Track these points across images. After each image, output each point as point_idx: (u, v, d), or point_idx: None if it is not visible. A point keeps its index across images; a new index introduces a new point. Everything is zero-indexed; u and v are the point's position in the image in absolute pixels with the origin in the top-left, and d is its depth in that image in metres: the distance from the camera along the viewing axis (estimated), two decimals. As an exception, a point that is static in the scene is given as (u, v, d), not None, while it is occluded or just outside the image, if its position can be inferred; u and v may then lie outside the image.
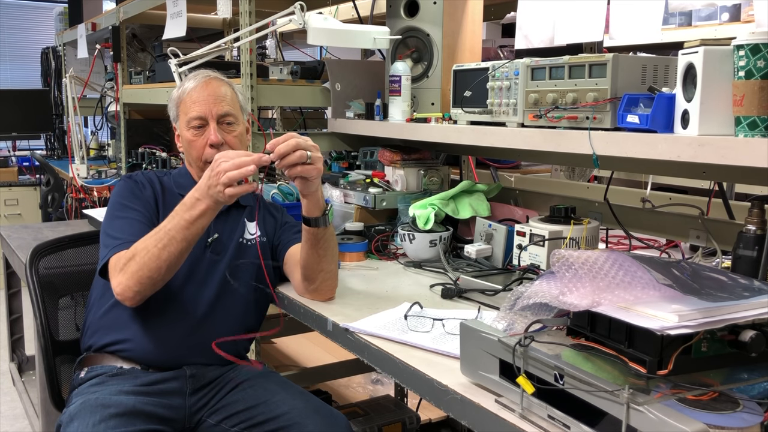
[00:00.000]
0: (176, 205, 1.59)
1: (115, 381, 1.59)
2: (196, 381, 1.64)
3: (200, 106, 1.70)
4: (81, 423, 1.46)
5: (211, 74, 1.79)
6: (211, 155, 1.63)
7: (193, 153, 1.72)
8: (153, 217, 1.66)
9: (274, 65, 2.41)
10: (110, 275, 1.54)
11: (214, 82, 1.74)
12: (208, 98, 1.70)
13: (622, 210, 1.82)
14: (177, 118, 1.78)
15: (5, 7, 6.86)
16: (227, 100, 1.73)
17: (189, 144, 1.72)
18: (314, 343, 3.29)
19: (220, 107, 1.70)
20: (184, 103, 1.74)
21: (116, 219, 1.64)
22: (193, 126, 1.70)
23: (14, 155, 5.77)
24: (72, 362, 1.84)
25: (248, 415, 1.59)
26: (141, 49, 4.02)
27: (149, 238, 1.50)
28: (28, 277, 1.90)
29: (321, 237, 1.57)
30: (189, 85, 1.75)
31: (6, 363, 3.48)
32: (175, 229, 1.47)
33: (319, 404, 1.62)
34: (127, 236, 1.57)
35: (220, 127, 1.70)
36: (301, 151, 1.44)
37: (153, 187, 1.73)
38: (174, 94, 1.80)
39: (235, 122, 1.73)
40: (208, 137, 1.69)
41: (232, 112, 1.73)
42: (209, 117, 1.69)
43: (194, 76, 1.77)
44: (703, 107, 1.19)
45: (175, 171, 1.83)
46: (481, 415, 1.05)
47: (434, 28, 2.13)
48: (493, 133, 1.70)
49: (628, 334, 0.96)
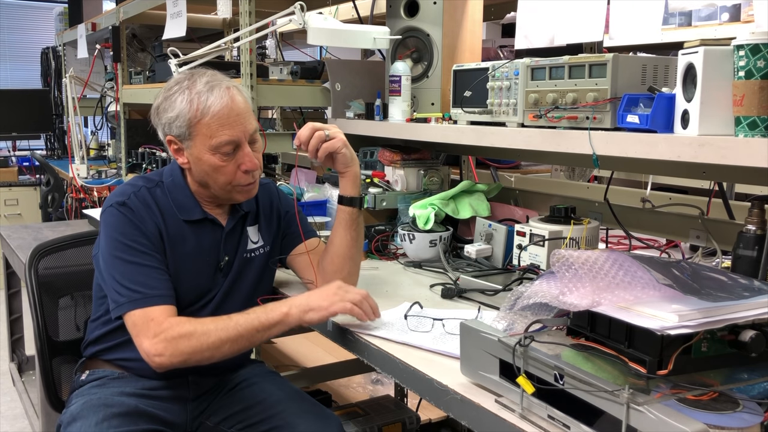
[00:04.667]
0: (181, 232, 1.55)
1: (117, 384, 1.58)
2: (199, 388, 1.64)
3: (232, 129, 1.48)
4: (84, 422, 1.46)
5: (229, 83, 1.53)
6: (246, 179, 1.53)
7: (220, 179, 1.51)
8: (161, 254, 1.51)
9: (274, 65, 2.41)
10: (141, 333, 1.41)
11: (238, 97, 1.51)
12: (238, 119, 1.49)
13: (622, 210, 1.82)
14: (189, 137, 1.50)
15: (5, 7, 6.86)
16: (251, 112, 1.54)
17: (216, 170, 1.50)
18: (314, 343, 3.29)
19: (250, 125, 1.52)
20: (206, 125, 1.47)
21: (126, 264, 1.47)
22: (224, 152, 1.49)
23: (14, 155, 5.77)
24: (71, 362, 1.84)
25: (244, 415, 1.59)
26: (141, 49, 4.02)
27: (212, 323, 1.41)
28: (26, 277, 1.89)
29: (356, 218, 1.61)
30: (211, 103, 1.47)
31: (6, 363, 3.48)
32: (247, 327, 1.40)
33: (312, 405, 1.61)
34: (147, 290, 1.44)
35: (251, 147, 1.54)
36: (319, 132, 1.53)
37: (153, 217, 1.52)
38: (182, 109, 1.49)
39: (258, 137, 1.56)
40: (240, 162, 1.50)
41: (257, 127, 1.56)
42: (243, 141, 1.50)
43: (209, 88, 1.49)
44: (703, 107, 1.19)
45: (167, 181, 1.59)
46: (481, 415, 1.05)
47: (434, 28, 2.13)
48: (493, 133, 1.70)
49: (628, 334, 0.96)
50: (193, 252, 1.56)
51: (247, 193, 1.58)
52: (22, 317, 3.29)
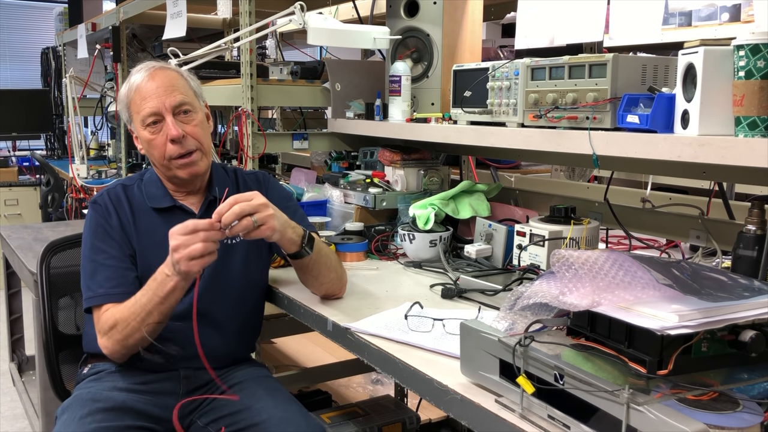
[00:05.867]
0: (151, 222, 1.63)
1: (112, 378, 1.61)
2: (190, 383, 1.64)
3: (151, 101, 1.58)
4: (69, 416, 1.49)
5: (155, 64, 1.66)
6: (175, 151, 1.59)
7: (155, 153, 1.62)
8: (125, 247, 1.61)
9: (274, 65, 2.41)
10: (96, 330, 1.56)
11: (160, 72, 1.62)
12: (158, 91, 1.58)
13: (622, 210, 1.82)
14: (131, 119, 1.65)
15: (5, 7, 6.86)
16: (179, 89, 1.61)
17: (149, 144, 1.61)
18: (314, 343, 3.29)
19: (173, 98, 1.59)
20: (133, 102, 1.61)
21: (90, 262, 1.60)
22: (149, 123, 1.59)
23: (14, 155, 5.78)
24: (70, 361, 1.87)
25: (232, 420, 1.58)
26: (141, 49, 4.02)
27: (127, 310, 1.49)
28: (38, 269, 1.92)
29: (308, 263, 1.57)
30: (134, 81, 1.61)
31: (6, 363, 3.48)
32: (150, 304, 1.47)
33: (297, 414, 1.57)
34: (97, 288, 1.55)
35: (177, 118, 1.60)
36: (247, 218, 1.40)
37: (119, 212, 1.63)
38: (121, 94, 1.65)
39: (192, 110, 1.62)
40: (167, 132, 1.58)
41: (187, 101, 1.61)
42: (164, 111, 1.58)
43: (137, 70, 1.64)
44: (703, 107, 1.19)
45: (146, 177, 1.71)
46: (481, 415, 1.05)
47: (434, 28, 2.13)
48: (493, 133, 1.70)
49: (628, 334, 0.96)
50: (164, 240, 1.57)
51: (187, 168, 1.63)
52: (22, 317, 3.28)
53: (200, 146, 1.64)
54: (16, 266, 2.73)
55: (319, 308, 1.55)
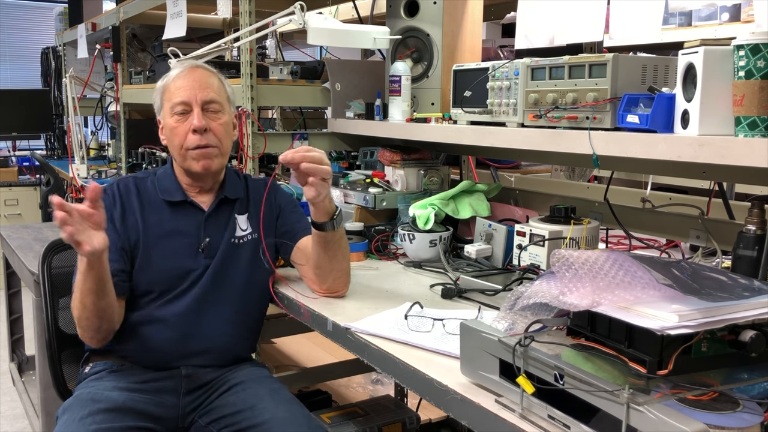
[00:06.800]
0: (160, 215, 1.67)
1: (113, 377, 1.62)
2: (191, 381, 1.64)
3: (184, 91, 1.66)
4: (70, 416, 1.49)
5: (197, 63, 1.76)
6: (194, 142, 1.64)
7: (175, 141, 1.67)
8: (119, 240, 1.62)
9: (274, 65, 2.41)
10: None
11: (200, 71, 1.71)
12: (193, 84, 1.66)
13: (622, 210, 1.82)
14: (161, 107, 1.72)
15: (5, 7, 6.86)
16: (213, 88, 1.69)
17: (171, 131, 1.67)
18: (314, 343, 3.29)
19: (205, 93, 1.66)
20: (168, 90, 1.69)
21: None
22: (177, 112, 1.66)
23: (14, 155, 5.77)
24: (72, 361, 1.87)
25: (233, 419, 1.58)
26: (141, 49, 4.02)
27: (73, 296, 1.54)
28: (39, 267, 1.93)
29: (330, 240, 1.60)
30: (173, 73, 1.71)
31: (6, 363, 3.48)
32: (78, 284, 1.50)
33: (299, 415, 1.58)
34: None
35: (205, 114, 1.66)
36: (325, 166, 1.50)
37: (124, 203, 1.67)
38: (158, 84, 1.75)
39: (220, 110, 1.69)
40: (191, 123, 1.64)
41: (218, 100, 1.69)
42: (193, 102, 1.65)
43: (180, 64, 1.75)
44: (703, 107, 1.19)
45: (159, 172, 1.76)
46: (481, 415, 1.05)
47: (434, 28, 2.13)
48: (493, 133, 1.70)
49: (628, 334, 0.96)
50: (171, 232, 1.67)
51: (201, 160, 1.66)
52: (22, 317, 3.29)
53: (219, 145, 1.68)
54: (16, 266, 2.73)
55: (319, 308, 1.55)
